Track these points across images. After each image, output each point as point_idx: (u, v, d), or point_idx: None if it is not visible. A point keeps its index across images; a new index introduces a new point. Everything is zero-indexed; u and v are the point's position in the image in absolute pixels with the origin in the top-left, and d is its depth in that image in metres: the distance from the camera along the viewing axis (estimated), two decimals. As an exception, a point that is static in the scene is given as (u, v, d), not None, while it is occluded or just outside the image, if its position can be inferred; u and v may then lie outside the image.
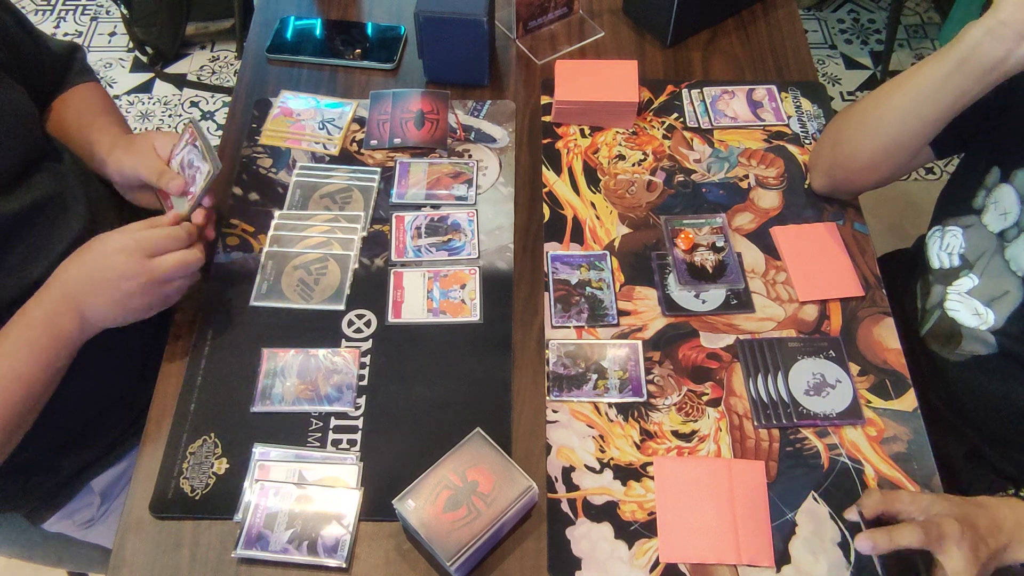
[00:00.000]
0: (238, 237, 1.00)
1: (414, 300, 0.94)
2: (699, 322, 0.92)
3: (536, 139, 1.10)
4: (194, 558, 0.78)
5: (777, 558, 0.77)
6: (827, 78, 2.33)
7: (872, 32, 2.46)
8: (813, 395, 0.86)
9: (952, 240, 0.90)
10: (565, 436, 0.85)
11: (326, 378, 0.88)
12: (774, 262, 0.97)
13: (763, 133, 1.09)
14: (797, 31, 1.23)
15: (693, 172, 1.05)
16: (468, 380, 0.88)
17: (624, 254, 0.98)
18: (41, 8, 2.56)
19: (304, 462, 0.82)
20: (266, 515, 0.78)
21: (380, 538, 0.79)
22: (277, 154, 1.08)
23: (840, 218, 1.01)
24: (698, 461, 0.83)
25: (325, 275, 0.96)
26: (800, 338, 0.91)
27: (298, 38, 1.21)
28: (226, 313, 0.93)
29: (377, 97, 1.13)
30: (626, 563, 0.77)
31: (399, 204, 1.02)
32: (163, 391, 0.88)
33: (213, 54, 2.41)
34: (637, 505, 0.80)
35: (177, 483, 0.81)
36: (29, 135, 0.88)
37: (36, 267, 0.84)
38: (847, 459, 0.83)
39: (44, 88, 0.99)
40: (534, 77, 1.17)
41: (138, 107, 2.28)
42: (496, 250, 0.98)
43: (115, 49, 2.44)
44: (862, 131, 0.91)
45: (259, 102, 1.14)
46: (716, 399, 0.87)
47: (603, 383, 0.88)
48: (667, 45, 1.20)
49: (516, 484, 0.76)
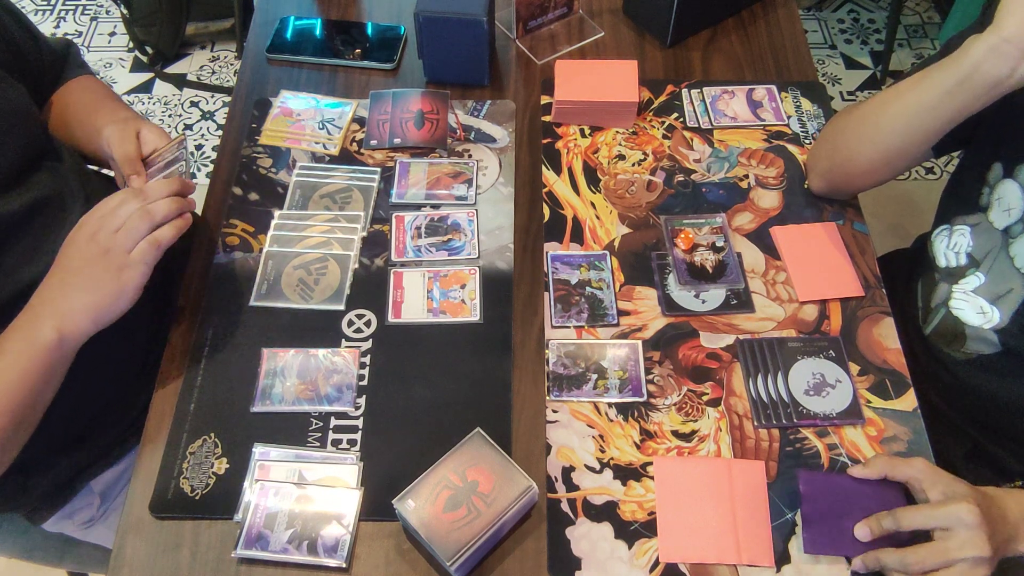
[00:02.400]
0: (238, 237, 1.00)
1: (414, 300, 0.94)
2: (699, 322, 0.92)
3: (536, 139, 1.10)
4: (194, 558, 0.78)
5: (777, 558, 0.77)
6: (827, 78, 2.33)
7: (872, 32, 2.46)
8: (813, 395, 0.86)
9: (960, 239, 0.90)
10: (565, 436, 0.85)
11: (326, 378, 0.88)
12: (774, 262, 0.97)
13: (763, 133, 1.09)
14: (797, 31, 1.23)
15: (693, 172, 1.05)
16: (468, 380, 0.88)
17: (624, 254, 0.98)
18: (41, 8, 2.56)
19: (304, 462, 0.82)
20: (266, 515, 0.78)
21: (380, 538, 0.79)
22: (277, 154, 1.08)
23: (840, 218, 1.01)
24: (698, 461, 0.83)
25: (325, 275, 0.96)
26: (800, 338, 0.91)
27: (298, 38, 1.21)
28: (226, 313, 0.93)
29: (377, 97, 1.13)
30: (626, 563, 0.77)
31: (399, 204, 1.02)
32: (163, 391, 0.88)
33: (213, 54, 2.41)
34: (637, 505, 0.80)
35: (177, 483, 0.81)
36: (29, 133, 0.88)
37: (35, 267, 0.84)
38: (847, 459, 0.83)
39: (44, 86, 0.99)
40: (534, 77, 1.17)
41: (138, 107, 2.28)
42: (496, 250, 0.98)
43: (115, 49, 2.44)
44: (860, 137, 0.91)
45: (259, 102, 1.14)
46: (716, 399, 0.87)
47: (603, 383, 0.88)
48: (667, 45, 1.20)
49: (516, 484, 0.76)
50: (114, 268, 0.77)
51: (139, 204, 0.78)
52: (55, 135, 0.95)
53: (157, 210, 0.78)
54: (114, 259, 0.77)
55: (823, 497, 0.78)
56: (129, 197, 0.79)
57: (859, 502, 0.77)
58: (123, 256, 0.77)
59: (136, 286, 0.78)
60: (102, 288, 0.77)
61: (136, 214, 0.77)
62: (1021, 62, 0.72)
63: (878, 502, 0.77)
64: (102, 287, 0.77)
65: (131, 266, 0.77)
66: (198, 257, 0.98)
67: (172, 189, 0.81)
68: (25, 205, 0.84)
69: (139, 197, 0.79)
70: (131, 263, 0.77)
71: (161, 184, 0.81)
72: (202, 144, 2.21)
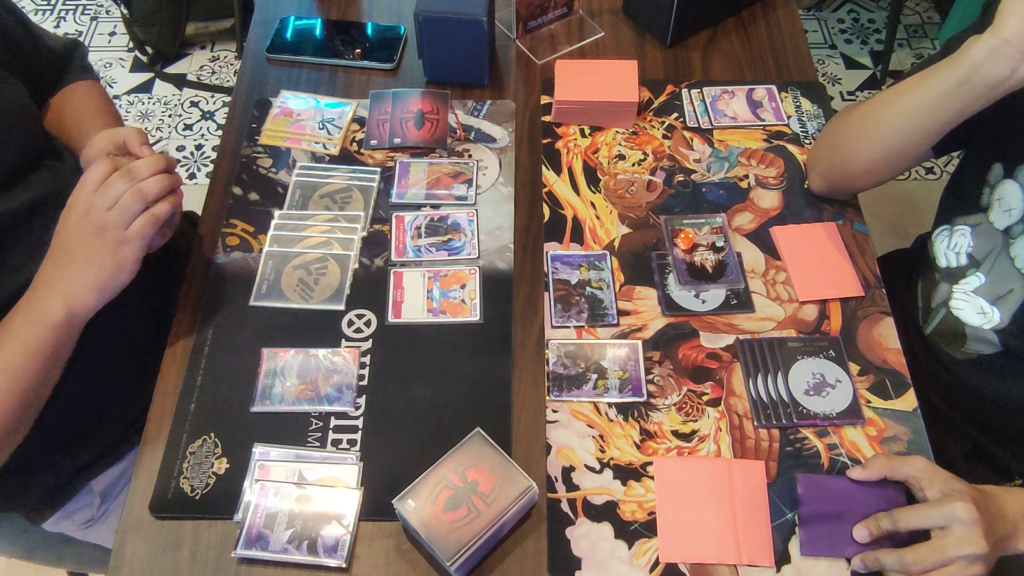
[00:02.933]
0: (238, 237, 1.00)
1: (414, 300, 0.94)
2: (699, 322, 0.92)
3: (536, 139, 1.10)
4: (194, 558, 0.78)
5: (777, 558, 0.77)
6: (827, 78, 2.33)
7: (872, 32, 2.46)
8: (813, 395, 0.86)
9: (960, 239, 0.90)
10: (565, 436, 0.85)
11: (326, 378, 0.88)
12: (774, 262, 0.97)
13: (763, 133, 1.09)
14: (797, 31, 1.23)
15: (693, 172, 1.05)
16: (468, 380, 0.88)
17: (624, 254, 0.98)
18: (41, 8, 2.56)
19: (304, 462, 0.82)
20: (266, 515, 0.78)
21: (380, 538, 0.79)
22: (277, 154, 1.08)
23: (840, 218, 1.01)
24: (698, 461, 0.83)
25: (325, 275, 0.96)
26: (800, 338, 0.91)
27: (298, 38, 1.21)
28: (226, 313, 0.93)
29: (377, 97, 1.13)
30: (626, 563, 0.77)
31: (399, 204, 1.02)
32: (163, 391, 0.88)
33: (213, 54, 2.41)
34: (637, 505, 0.80)
35: (177, 483, 0.81)
36: (29, 133, 0.88)
37: (36, 265, 0.84)
38: (847, 459, 0.83)
39: (44, 86, 0.99)
40: (534, 77, 1.17)
41: (138, 107, 2.28)
42: (496, 250, 0.98)
43: (115, 49, 2.44)
44: (860, 137, 0.91)
45: (259, 102, 1.14)
46: (716, 399, 0.87)
47: (603, 383, 0.88)
48: (667, 45, 1.20)
49: (516, 484, 0.76)
50: (111, 244, 0.78)
51: (128, 183, 0.78)
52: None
53: (149, 188, 0.79)
54: (109, 235, 0.78)
55: (822, 500, 0.78)
56: (116, 177, 0.79)
57: (859, 504, 0.77)
58: (118, 232, 0.78)
59: (135, 260, 0.80)
60: (101, 264, 0.78)
61: (129, 193, 0.78)
62: (1021, 63, 0.72)
63: (877, 504, 0.77)
64: (101, 263, 0.78)
65: (129, 241, 0.78)
66: (198, 257, 0.98)
67: (159, 166, 0.81)
68: (25, 204, 0.84)
69: (127, 176, 0.79)
70: (129, 238, 0.78)
71: (149, 162, 0.81)
72: (202, 144, 2.21)
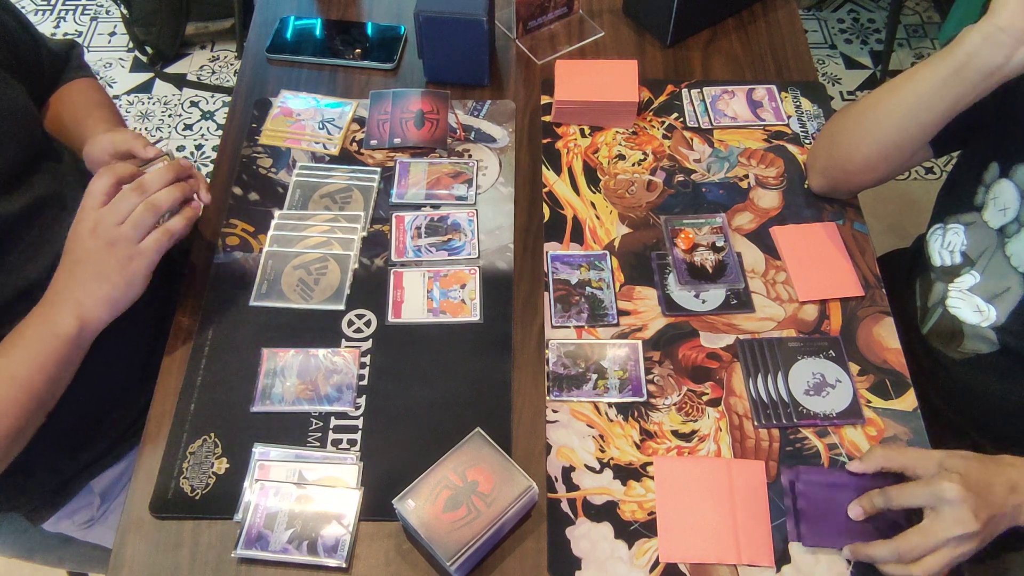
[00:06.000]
0: (238, 237, 1.00)
1: (414, 300, 0.94)
2: (699, 322, 0.92)
3: (536, 139, 1.10)
4: (194, 558, 0.78)
5: (777, 558, 0.77)
6: (827, 78, 2.33)
7: (872, 32, 2.46)
8: (813, 395, 0.86)
9: (954, 238, 0.90)
10: (565, 436, 0.85)
11: (326, 378, 0.88)
12: (774, 262, 0.97)
13: (763, 133, 1.09)
14: (797, 31, 1.23)
15: (693, 172, 1.05)
16: (468, 380, 0.88)
17: (624, 254, 0.98)
18: (41, 8, 2.56)
19: (304, 462, 0.82)
20: (266, 515, 0.78)
21: (380, 538, 0.79)
22: (277, 154, 1.08)
23: (840, 218, 1.01)
24: (698, 461, 0.83)
25: (325, 275, 0.96)
26: (800, 338, 0.91)
27: (298, 38, 1.21)
28: (226, 313, 0.93)
29: (377, 97, 1.13)
30: (626, 563, 0.77)
31: (399, 204, 1.02)
32: (163, 391, 0.88)
33: (213, 54, 2.41)
34: (637, 505, 0.80)
35: (177, 483, 0.81)
36: (28, 134, 0.88)
37: (35, 267, 0.84)
38: (847, 459, 0.83)
39: (42, 86, 0.99)
40: (534, 77, 1.17)
41: (138, 107, 2.28)
42: (496, 250, 0.98)
43: (115, 49, 2.44)
44: (859, 133, 0.91)
45: (259, 102, 1.14)
46: (716, 399, 0.87)
47: (603, 383, 0.88)
48: (667, 45, 1.20)
49: (516, 484, 0.76)
50: (122, 259, 0.78)
51: (139, 197, 0.78)
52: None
53: (161, 201, 0.79)
54: (120, 250, 0.78)
55: (818, 492, 0.78)
56: (128, 191, 0.79)
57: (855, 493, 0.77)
58: (130, 247, 0.78)
59: (145, 275, 0.80)
60: (111, 279, 0.78)
61: (141, 207, 0.78)
62: (1016, 50, 0.72)
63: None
64: (111, 278, 0.78)
65: (140, 255, 0.79)
66: (198, 257, 0.98)
67: (170, 177, 0.81)
68: (25, 205, 0.84)
69: (138, 190, 0.79)
70: (141, 252, 0.79)
71: (159, 173, 0.81)
72: (202, 144, 2.21)
